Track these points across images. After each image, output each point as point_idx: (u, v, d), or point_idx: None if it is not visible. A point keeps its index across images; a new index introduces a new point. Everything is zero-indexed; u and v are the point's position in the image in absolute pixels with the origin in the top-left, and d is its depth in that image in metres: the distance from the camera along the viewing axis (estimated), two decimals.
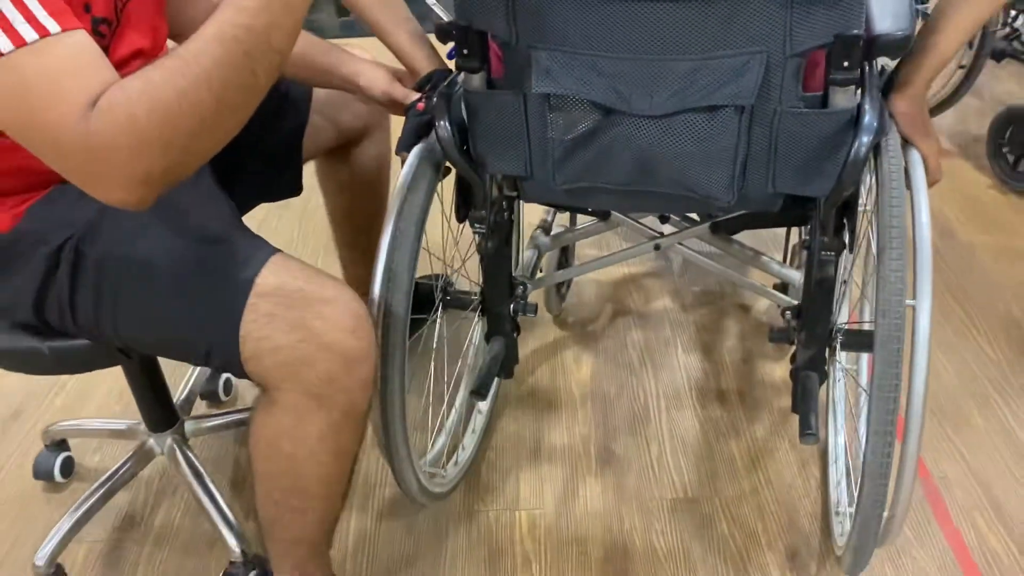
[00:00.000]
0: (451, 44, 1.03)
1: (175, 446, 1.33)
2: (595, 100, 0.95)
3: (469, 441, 1.46)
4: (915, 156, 1.03)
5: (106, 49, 0.88)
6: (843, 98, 0.94)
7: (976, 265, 1.83)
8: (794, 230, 1.57)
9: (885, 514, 1.01)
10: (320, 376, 0.91)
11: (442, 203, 1.17)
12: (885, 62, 1.07)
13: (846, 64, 0.90)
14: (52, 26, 0.74)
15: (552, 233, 1.51)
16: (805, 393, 1.16)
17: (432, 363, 1.46)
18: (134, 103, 0.74)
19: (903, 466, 0.96)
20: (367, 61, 1.19)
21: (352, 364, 0.92)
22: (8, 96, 0.74)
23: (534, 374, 1.64)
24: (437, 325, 1.35)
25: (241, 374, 0.95)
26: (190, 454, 1.33)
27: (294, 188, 1.33)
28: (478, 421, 1.50)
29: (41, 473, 1.45)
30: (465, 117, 1.06)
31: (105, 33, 0.81)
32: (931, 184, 1.02)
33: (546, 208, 1.52)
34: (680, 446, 1.47)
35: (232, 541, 1.24)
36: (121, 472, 1.35)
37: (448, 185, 1.16)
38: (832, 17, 0.87)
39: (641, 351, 1.68)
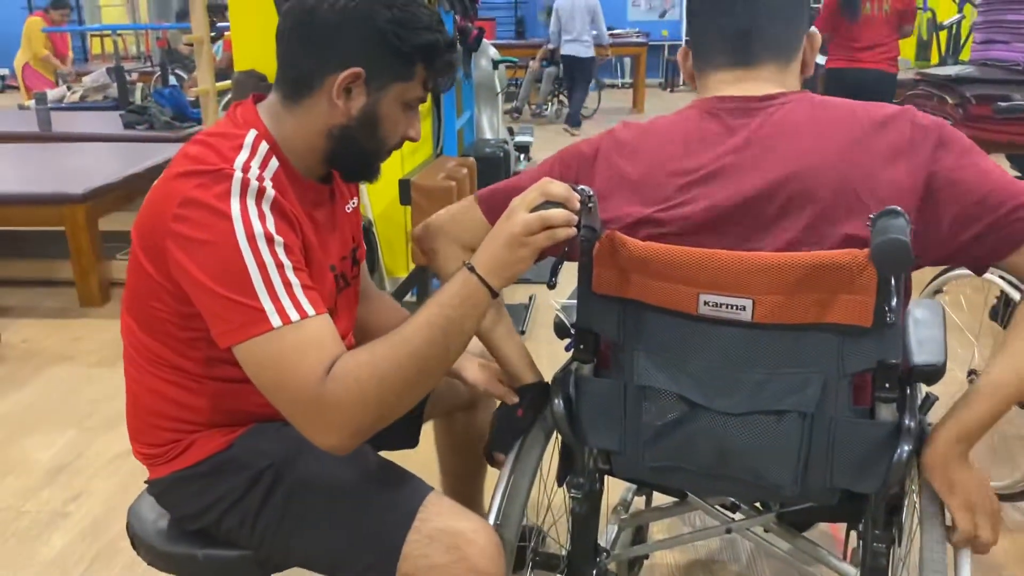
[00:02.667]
0: (567, 340, 1.28)
1: None
2: (683, 395, 1.13)
3: None
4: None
5: None
6: (887, 412, 1.10)
7: None
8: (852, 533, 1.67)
9: None
10: None
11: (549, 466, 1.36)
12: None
13: (887, 385, 1.07)
14: (310, 310, 1.03)
15: (631, 511, 1.65)
16: None
17: None
18: (361, 370, 1.01)
19: None
20: (474, 359, 1.41)
21: None
22: (268, 360, 1.01)
23: None
24: None
25: None
26: None
27: (411, 441, 1.52)
28: None
29: None
30: (573, 397, 1.24)
31: None
32: (961, 544, 1.11)
33: (627, 486, 1.68)
34: None
35: None
36: None
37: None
38: (875, 348, 1.05)
39: None
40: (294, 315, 1.01)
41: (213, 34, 3.89)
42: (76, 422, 2.66)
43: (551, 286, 1.09)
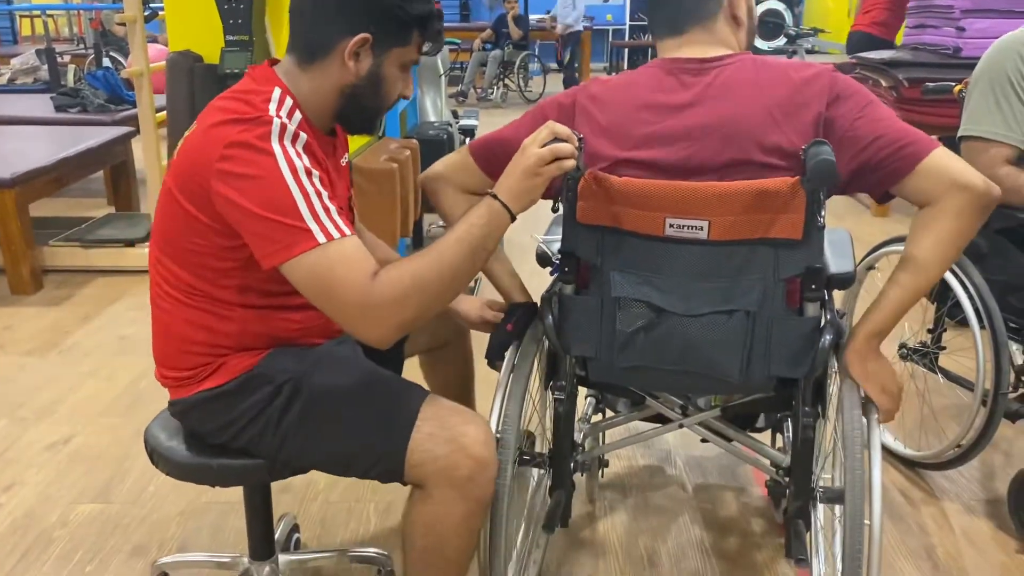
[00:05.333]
0: (548, 268, 1.54)
1: (272, 573, 1.64)
2: (651, 302, 1.35)
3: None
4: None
5: None
6: (813, 309, 1.36)
7: None
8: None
9: None
10: (463, 475, 1.29)
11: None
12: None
13: (813, 287, 1.34)
14: (346, 231, 1.21)
15: (592, 422, 1.90)
16: (796, 536, 1.48)
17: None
18: (404, 277, 1.21)
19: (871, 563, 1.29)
20: (466, 296, 1.65)
21: (484, 467, 1.31)
22: (319, 272, 1.19)
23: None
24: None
25: (395, 479, 1.34)
26: None
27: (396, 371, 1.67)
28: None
29: None
30: (556, 313, 1.46)
31: None
32: (884, 419, 1.38)
33: (587, 403, 1.94)
34: None
35: None
36: None
37: None
38: (803, 255, 1.31)
39: (655, 526, 1.84)
40: (335, 234, 1.19)
41: (147, 13, 3.77)
42: (8, 412, 2.59)
43: (555, 210, 1.38)
